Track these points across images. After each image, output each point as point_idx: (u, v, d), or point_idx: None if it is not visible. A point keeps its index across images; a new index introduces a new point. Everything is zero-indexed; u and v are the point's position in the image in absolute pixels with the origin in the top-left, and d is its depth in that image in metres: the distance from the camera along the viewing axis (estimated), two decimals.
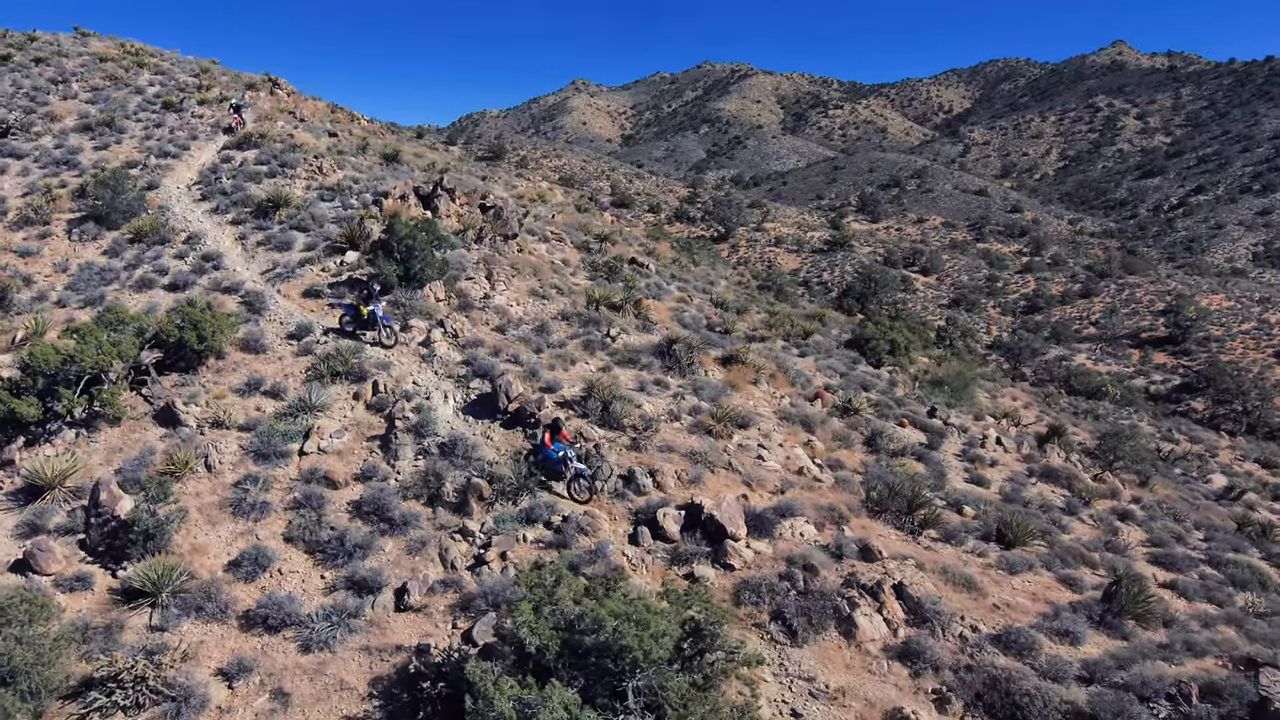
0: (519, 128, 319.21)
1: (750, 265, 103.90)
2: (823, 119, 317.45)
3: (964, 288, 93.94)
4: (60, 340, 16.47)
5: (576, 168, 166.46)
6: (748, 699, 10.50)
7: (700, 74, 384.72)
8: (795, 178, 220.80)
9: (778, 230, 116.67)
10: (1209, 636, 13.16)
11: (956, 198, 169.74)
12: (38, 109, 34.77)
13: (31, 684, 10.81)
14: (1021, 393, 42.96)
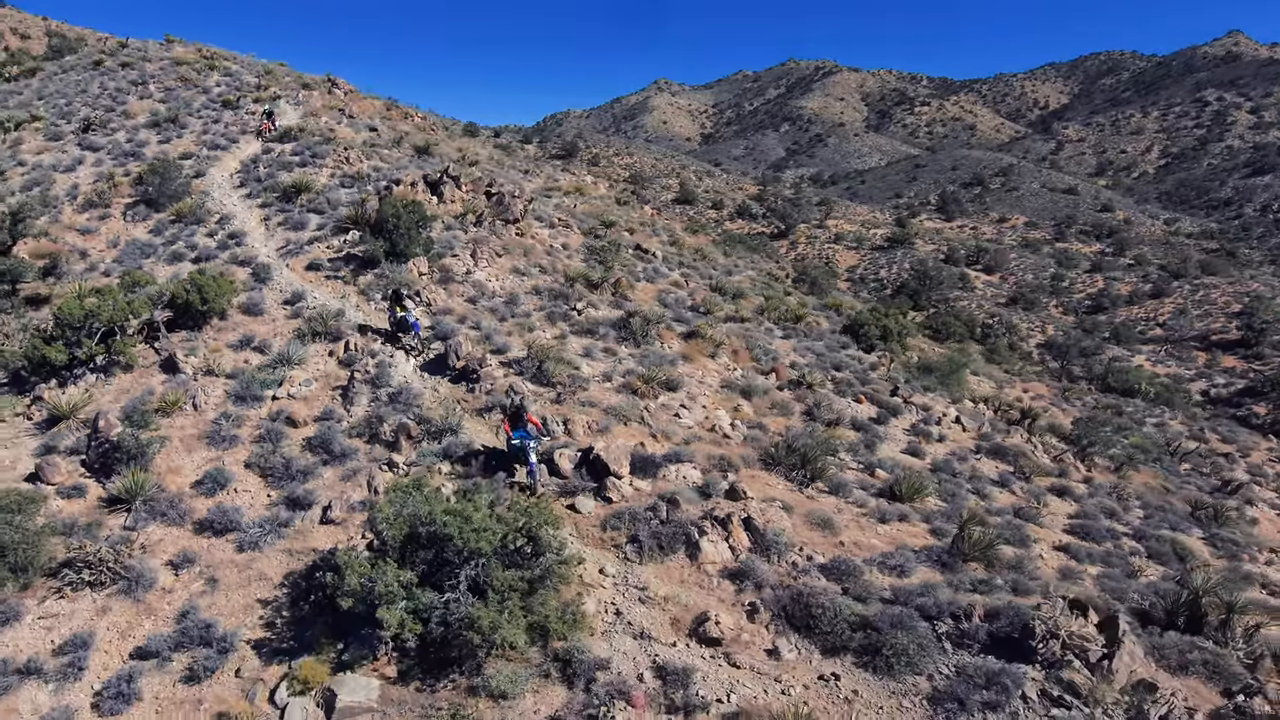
0: (600, 127, 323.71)
1: (808, 261, 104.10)
2: (908, 116, 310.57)
3: (1026, 286, 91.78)
4: (86, 299, 19.50)
5: (647, 165, 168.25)
6: (576, 597, 12.29)
7: (783, 72, 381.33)
8: (874, 176, 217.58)
9: (840, 227, 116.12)
10: (1047, 582, 14.17)
11: (1043, 196, 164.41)
12: (117, 108, 39.13)
13: (19, 559, 13.52)
14: (1043, 386, 42.81)
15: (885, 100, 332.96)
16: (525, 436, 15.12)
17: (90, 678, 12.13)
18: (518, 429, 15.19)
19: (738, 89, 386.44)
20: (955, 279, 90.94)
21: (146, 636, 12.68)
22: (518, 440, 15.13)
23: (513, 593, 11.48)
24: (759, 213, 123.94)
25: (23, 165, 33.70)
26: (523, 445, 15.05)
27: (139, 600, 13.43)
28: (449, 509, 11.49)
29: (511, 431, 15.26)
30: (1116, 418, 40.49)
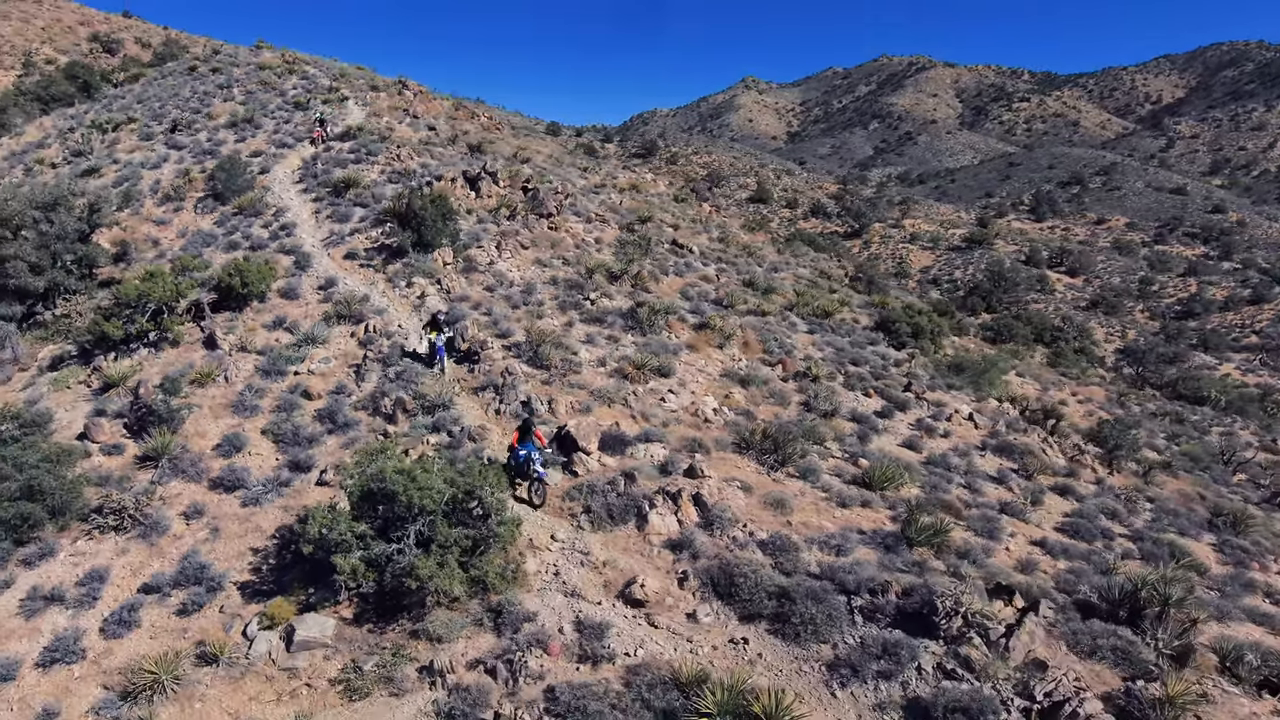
0: (685, 126, 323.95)
1: (880, 261, 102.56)
2: (1005, 112, 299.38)
3: (1110, 290, 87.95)
4: (140, 281, 21.75)
5: (725, 164, 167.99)
6: (519, 556, 13.34)
7: (875, 68, 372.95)
8: (965, 175, 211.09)
9: (917, 227, 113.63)
10: (995, 570, 14.40)
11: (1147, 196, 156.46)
12: (202, 109, 42.47)
13: (56, 503, 15.53)
14: (1100, 390, 41.45)
15: (981, 96, 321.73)
16: (531, 450, 15.18)
17: (102, 606, 13.92)
18: (524, 443, 15.27)
19: (826, 86, 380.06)
20: (1033, 281, 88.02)
21: (153, 575, 14.41)
22: (524, 453, 15.18)
23: (455, 548, 12.62)
24: (834, 211, 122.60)
25: (116, 163, 37.13)
26: (528, 456, 15.12)
27: (152, 544, 15.23)
28: (399, 469, 12.72)
29: (518, 444, 15.33)
30: (1175, 425, 39.01)
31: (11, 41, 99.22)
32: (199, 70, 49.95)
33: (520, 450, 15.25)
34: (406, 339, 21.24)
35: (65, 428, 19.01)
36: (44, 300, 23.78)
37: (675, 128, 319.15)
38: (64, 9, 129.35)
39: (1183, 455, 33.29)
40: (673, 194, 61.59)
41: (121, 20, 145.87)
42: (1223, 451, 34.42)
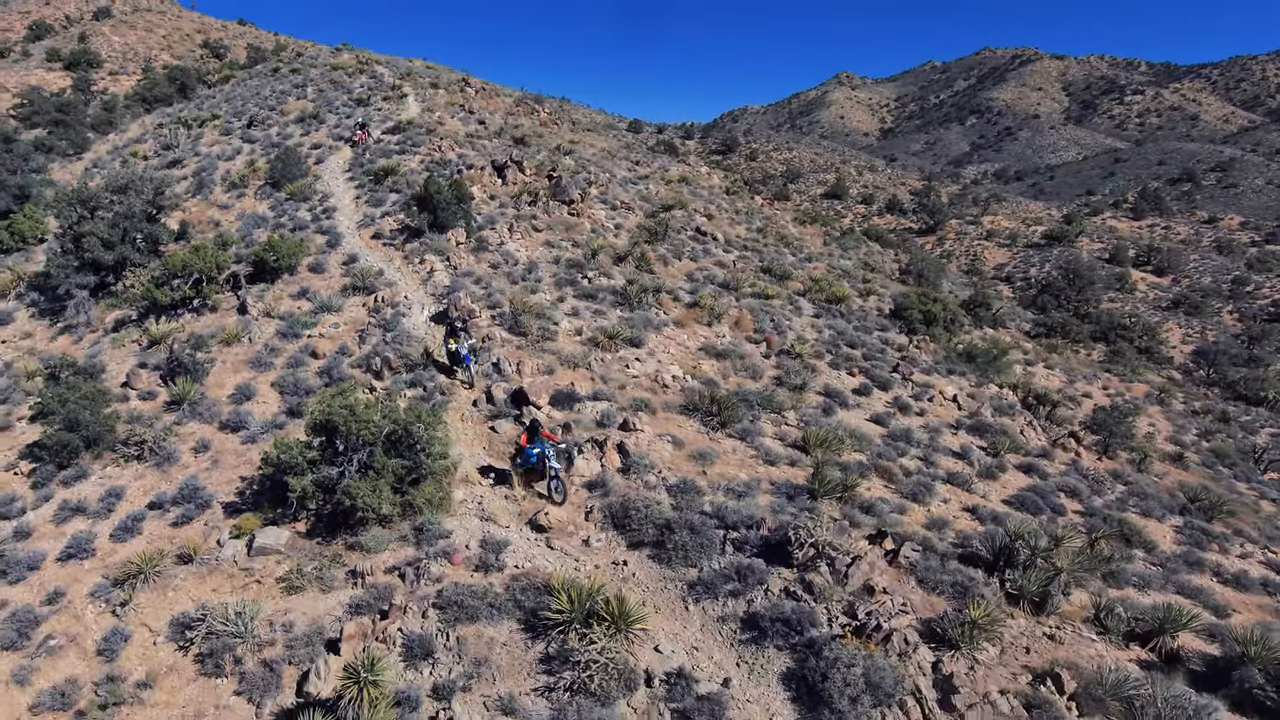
0: (774, 123, 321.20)
1: (954, 258, 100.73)
2: (1116, 106, 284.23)
3: (1199, 290, 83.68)
4: (186, 254, 24.79)
5: (805, 160, 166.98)
6: (447, 486, 15.24)
7: (975, 62, 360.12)
8: (1066, 172, 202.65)
9: (997, 224, 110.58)
10: (895, 521, 15.41)
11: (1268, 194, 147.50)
12: (277, 107, 46.37)
13: (90, 434, 18.38)
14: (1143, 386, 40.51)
15: (1090, 89, 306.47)
16: (545, 447, 15.39)
17: (114, 518, 16.57)
18: (533, 443, 15.55)
19: (923, 81, 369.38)
20: (1111, 279, 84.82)
21: (158, 494, 17.01)
22: (537, 451, 15.46)
23: (390, 475, 14.61)
24: (909, 208, 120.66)
25: (198, 155, 41.21)
26: (543, 455, 15.35)
27: (164, 471, 17.87)
28: (344, 405, 14.80)
29: (529, 444, 15.63)
30: (1220, 423, 37.98)
31: (135, 49, 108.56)
32: (280, 71, 54.31)
33: (532, 450, 15.54)
34: (409, 308, 23.50)
35: (114, 377, 22.10)
36: (114, 272, 27.22)
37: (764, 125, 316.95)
38: (184, 18, 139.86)
39: (1210, 451, 32.67)
40: (724, 187, 62.66)
41: (237, 27, 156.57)
42: (1255, 450, 33.38)
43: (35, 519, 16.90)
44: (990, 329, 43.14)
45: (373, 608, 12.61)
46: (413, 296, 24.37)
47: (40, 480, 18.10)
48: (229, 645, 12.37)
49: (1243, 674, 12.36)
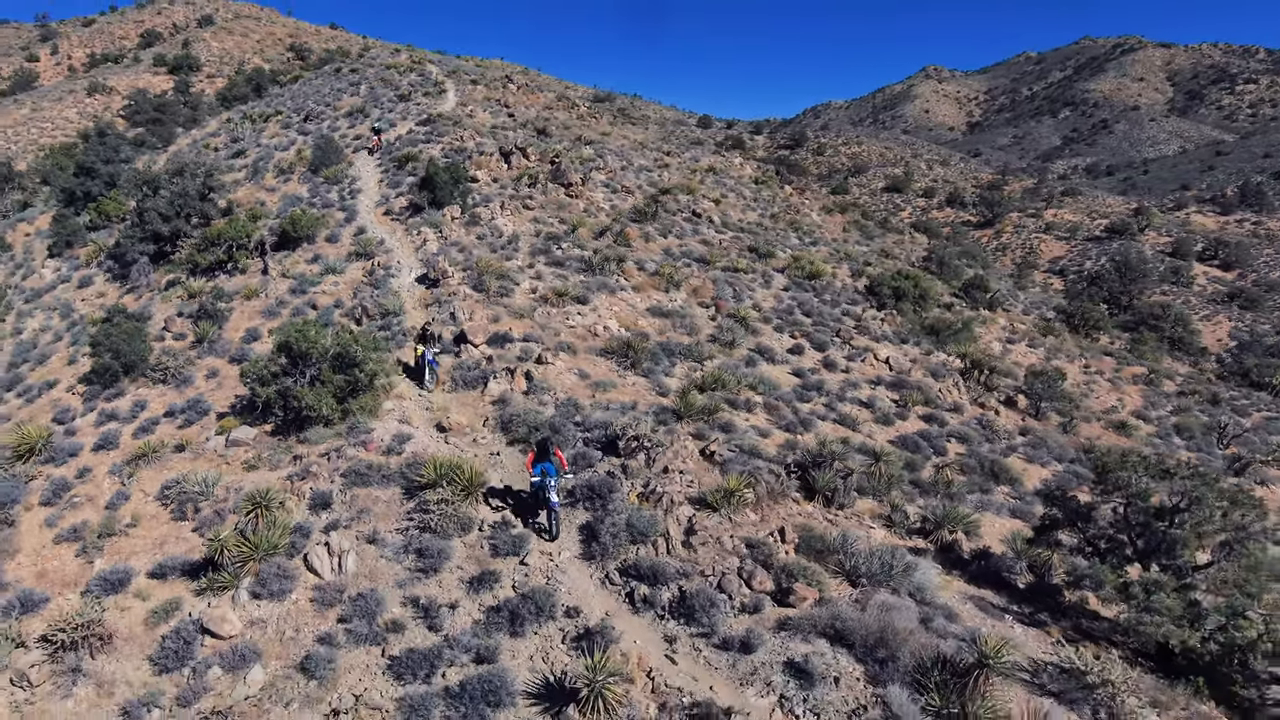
0: (856, 119, 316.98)
1: (1010, 251, 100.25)
2: (1226, 96, 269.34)
3: (1264, 284, 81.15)
4: (222, 225, 29.49)
5: (875, 154, 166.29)
6: (380, 398, 19.02)
7: (1073, 52, 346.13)
8: (1162, 166, 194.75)
9: (1059, 217, 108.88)
10: (749, 440, 18.36)
11: None
12: (332, 103, 51.63)
13: (127, 362, 23.01)
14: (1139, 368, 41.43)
15: (1199, 78, 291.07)
16: (551, 472, 14.19)
17: (137, 422, 21.03)
18: (540, 464, 14.33)
19: (1015, 73, 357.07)
20: (1167, 272, 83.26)
21: (171, 405, 21.42)
22: (538, 477, 14.22)
23: (332, 385, 18.49)
24: (970, 201, 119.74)
25: (259, 146, 46.65)
26: (543, 483, 14.14)
27: (180, 390, 22.32)
28: (297, 329, 18.75)
29: (533, 467, 14.42)
30: (1211, 405, 38.84)
31: (231, 53, 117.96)
32: (341, 72, 59.85)
33: (535, 475, 14.34)
34: (399, 271, 27.54)
35: (157, 323, 26.89)
36: (170, 242, 32.23)
37: (846, 120, 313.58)
38: (278, 24, 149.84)
39: (1174, 426, 34.01)
40: (753, 177, 65.14)
41: (328, 31, 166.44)
42: (1220, 426, 34.25)
43: (81, 423, 21.58)
44: (986, 310, 44.66)
45: (298, 476, 16.46)
46: (404, 261, 28.41)
47: (89, 396, 22.84)
48: (194, 499, 16.45)
49: (983, 559, 14.98)
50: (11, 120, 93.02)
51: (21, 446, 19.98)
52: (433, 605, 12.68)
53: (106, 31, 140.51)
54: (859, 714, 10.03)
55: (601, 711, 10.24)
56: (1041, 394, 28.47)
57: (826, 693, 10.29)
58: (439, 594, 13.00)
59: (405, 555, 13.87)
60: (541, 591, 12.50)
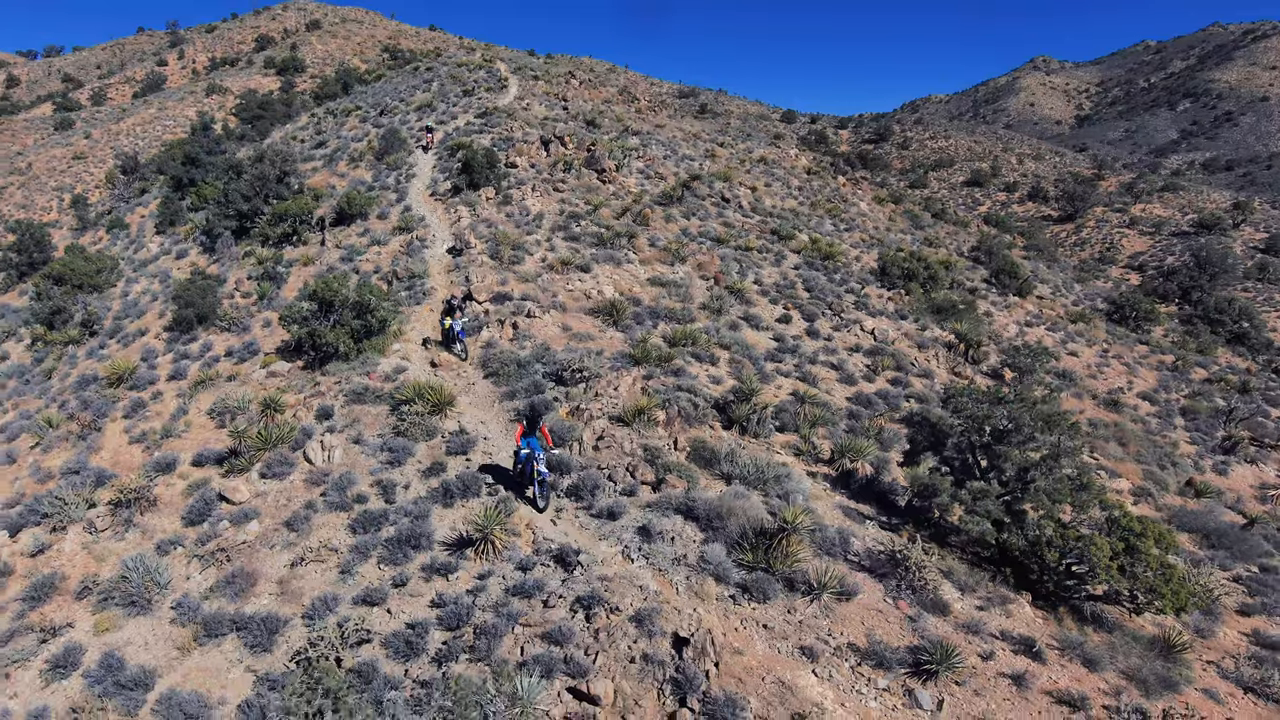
0: (955, 113, 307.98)
1: (1090, 246, 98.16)
2: None
3: None
4: (289, 203, 34.03)
5: (963, 148, 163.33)
6: (391, 341, 22.66)
7: (1198, 40, 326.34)
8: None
9: (1148, 211, 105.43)
10: (682, 383, 21.11)
11: None
12: (406, 98, 56.47)
13: (200, 314, 27.56)
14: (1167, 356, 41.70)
15: None
16: (535, 448, 14.56)
17: (202, 359, 25.42)
18: (528, 437, 14.74)
19: (1132, 63, 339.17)
20: (1253, 269, 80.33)
21: (229, 347, 25.75)
22: (525, 450, 14.59)
23: (349, 327, 22.24)
24: (1053, 195, 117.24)
25: (339, 138, 51.81)
26: (530, 456, 14.52)
27: (240, 336, 26.67)
28: (324, 281, 22.58)
29: (521, 440, 14.77)
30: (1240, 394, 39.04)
31: (333, 55, 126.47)
32: (419, 70, 64.87)
33: (522, 449, 14.76)
34: (433, 241, 31.34)
35: (230, 284, 31.55)
36: (249, 219, 37.13)
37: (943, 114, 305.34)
38: (379, 26, 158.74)
39: (1182, 409, 34.76)
40: (806, 168, 66.84)
41: (428, 33, 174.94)
42: (1228, 410, 34.54)
43: (160, 360, 26.18)
44: (1015, 295, 45.53)
45: (311, 395, 20.23)
46: (439, 235, 32.23)
47: (170, 340, 27.50)
48: (233, 412, 20.45)
49: (874, 482, 17.35)
50: (140, 119, 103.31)
51: (113, 376, 24.67)
52: (391, 485, 16.10)
53: (226, 37, 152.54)
54: (680, 560, 12.81)
55: (490, 553, 13.37)
56: (1024, 366, 29.88)
57: (662, 547, 13.09)
58: (399, 479, 16.41)
59: (380, 452, 17.35)
60: (472, 477, 15.73)
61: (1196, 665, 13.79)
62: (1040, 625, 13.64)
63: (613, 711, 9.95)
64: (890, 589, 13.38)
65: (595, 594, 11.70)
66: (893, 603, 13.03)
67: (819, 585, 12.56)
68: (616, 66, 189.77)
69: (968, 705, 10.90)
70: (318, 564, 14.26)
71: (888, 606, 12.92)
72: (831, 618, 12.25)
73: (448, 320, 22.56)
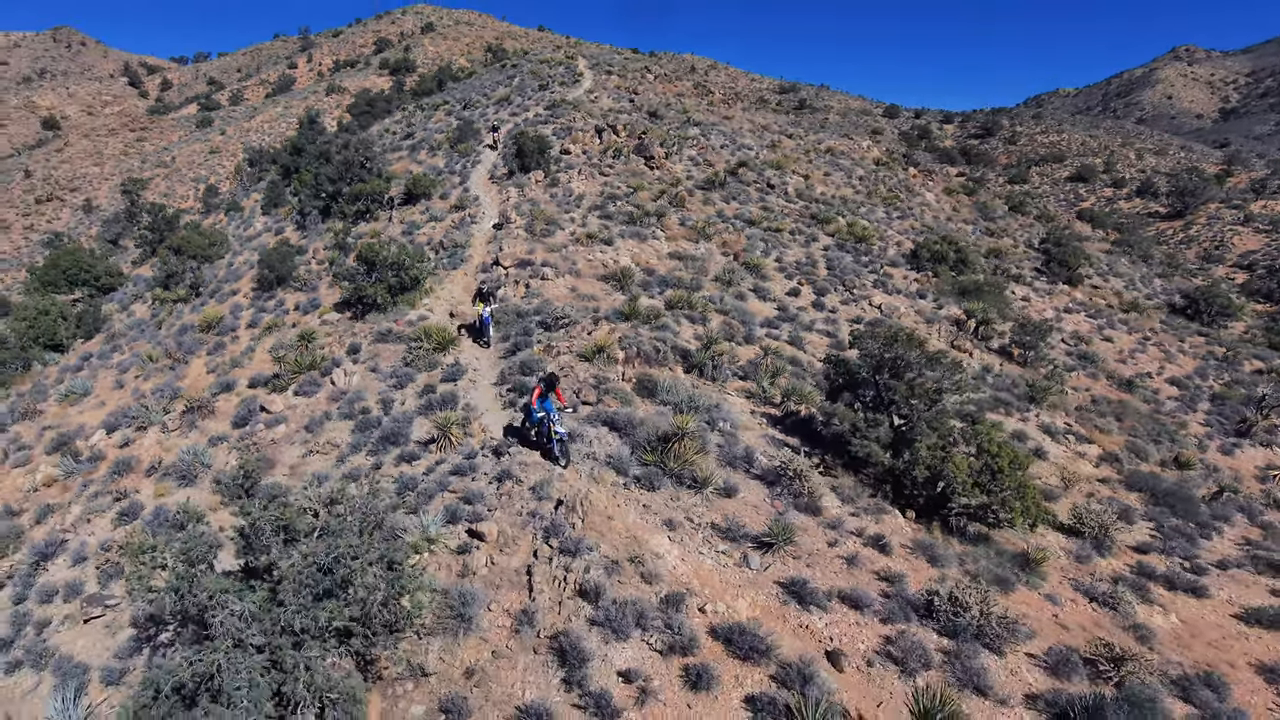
0: (1082, 107, 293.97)
1: (1198, 244, 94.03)
2: None
3: None
4: (363, 186, 38.54)
5: (1076, 143, 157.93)
6: (422, 295, 26.33)
7: None
8: None
9: (1269, 209, 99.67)
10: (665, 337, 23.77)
11: None
12: (489, 93, 60.97)
13: (279, 275, 32.21)
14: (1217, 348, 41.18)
15: None
16: (550, 409, 15.17)
17: (276, 311, 29.88)
18: (544, 400, 15.34)
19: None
20: None
21: (299, 303, 30.10)
22: (541, 414, 15.23)
23: (387, 283, 26.04)
24: (1163, 191, 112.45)
25: (425, 129, 56.74)
26: (546, 417, 15.17)
27: (308, 294, 31.04)
28: (368, 244, 26.44)
29: (538, 401, 15.35)
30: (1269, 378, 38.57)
31: (442, 55, 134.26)
32: (505, 67, 69.48)
33: (537, 411, 15.36)
34: (481, 219, 35.07)
35: (309, 254, 36.23)
36: (334, 200, 42.02)
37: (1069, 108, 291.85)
38: (488, 28, 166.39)
39: (1214, 396, 34.97)
40: (875, 159, 67.47)
41: (535, 34, 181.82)
42: (1260, 398, 34.16)
43: (243, 313, 30.88)
44: (1065, 284, 45.62)
45: (346, 336, 24.08)
46: (489, 213, 35.94)
47: (254, 298, 32.24)
48: (289, 348, 24.56)
49: (806, 418, 19.60)
50: (268, 117, 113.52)
51: (204, 323, 29.48)
52: (390, 401, 19.60)
53: (350, 41, 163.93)
54: (590, 455, 15.62)
55: (447, 446, 16.58)
56: (1028, 344, 30.86)
57: (580, 446, 15.94)
58: (398, 397, 19.91)
59: (390, 378, 20.92)
60: (451, 395, 19.01)
61: (1055, 578, 15.52)
62: (909, 533, 15.69)
63: (495, 545, 12.90)
64: (774, 494, 15.75)
65: (509, 472, 14.70)
66: (769, 502, 15.42)
67: (703, 482, 15.11)
68: (718, 63, 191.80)
69: (793, 570, 13.27)
70: (322, 455, 17.86)
71: (764, 504, 15.33)
72: (709, 507, 14.79)
73: (479, 305, 23.31)
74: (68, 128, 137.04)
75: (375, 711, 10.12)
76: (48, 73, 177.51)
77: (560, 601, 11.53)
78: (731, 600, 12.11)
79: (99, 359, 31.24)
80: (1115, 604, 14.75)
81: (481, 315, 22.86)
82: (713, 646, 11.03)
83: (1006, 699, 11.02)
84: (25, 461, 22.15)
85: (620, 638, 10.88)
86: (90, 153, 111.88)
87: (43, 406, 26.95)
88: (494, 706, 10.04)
